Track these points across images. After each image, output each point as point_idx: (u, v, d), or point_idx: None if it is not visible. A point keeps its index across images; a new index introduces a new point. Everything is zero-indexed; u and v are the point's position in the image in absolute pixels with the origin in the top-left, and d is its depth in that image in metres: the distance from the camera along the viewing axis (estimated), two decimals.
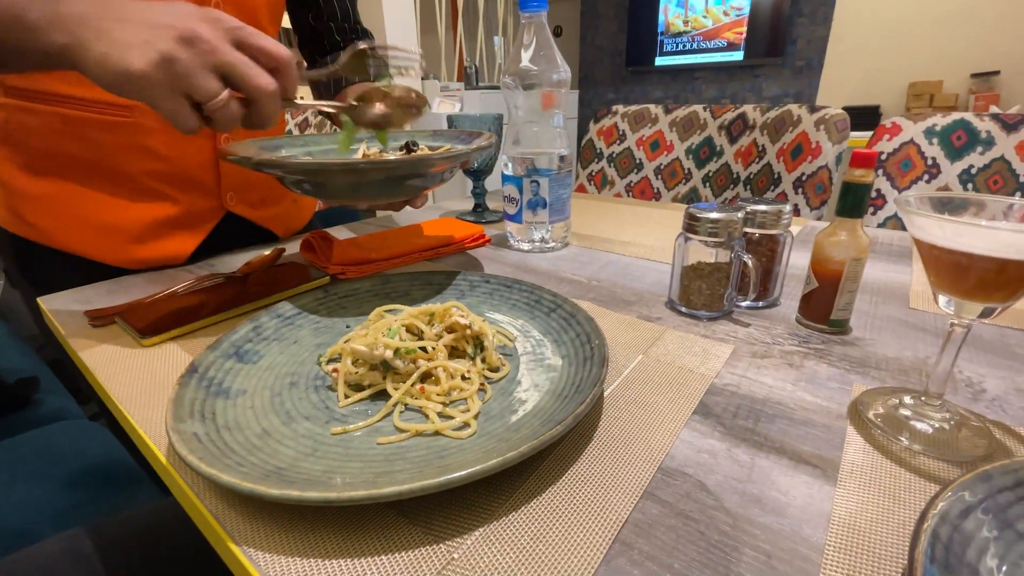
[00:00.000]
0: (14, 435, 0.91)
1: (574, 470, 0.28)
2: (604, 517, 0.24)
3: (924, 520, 0.21)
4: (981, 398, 0.34)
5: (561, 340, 0.39)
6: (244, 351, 0.37)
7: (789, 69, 3.40)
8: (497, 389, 0.34)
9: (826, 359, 0.38)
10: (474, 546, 0.23)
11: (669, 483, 0.27)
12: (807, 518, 0.24)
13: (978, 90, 2.26)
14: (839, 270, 0.40)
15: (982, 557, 0.21)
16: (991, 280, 0.26)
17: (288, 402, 0.32)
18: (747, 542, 0.23)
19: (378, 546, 0.23)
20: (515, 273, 0.59)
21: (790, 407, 0.33)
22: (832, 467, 0.28)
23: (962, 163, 0.82)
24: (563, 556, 0.22)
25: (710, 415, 0.32)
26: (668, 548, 0.23)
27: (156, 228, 0.61)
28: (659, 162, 1.28)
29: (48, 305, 0.53)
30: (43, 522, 0.66)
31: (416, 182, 0.45)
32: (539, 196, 0.63)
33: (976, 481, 0.23)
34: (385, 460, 0.27)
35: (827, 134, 0.98)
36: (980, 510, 0.22)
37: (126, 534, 0.50)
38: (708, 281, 0.45)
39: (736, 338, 0.42)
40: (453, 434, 0.29)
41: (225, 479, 0.23)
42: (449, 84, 2.88)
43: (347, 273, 0.55)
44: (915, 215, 0.27)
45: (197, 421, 0.29)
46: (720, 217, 0.42)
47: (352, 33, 0.78)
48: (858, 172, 0.38)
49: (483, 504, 0.25)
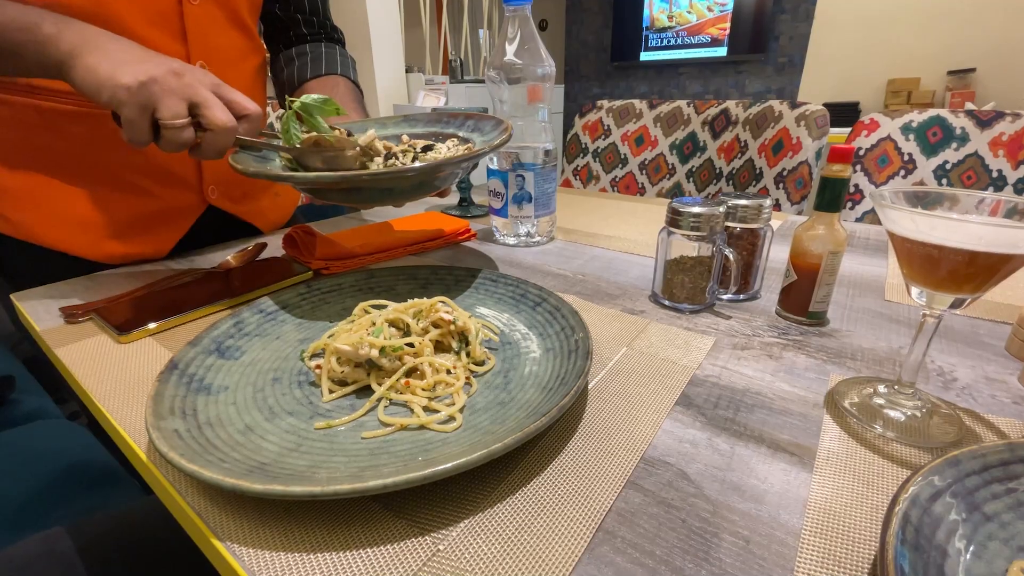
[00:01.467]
0: None
1: (559, 461, 0.28)
2: (588, 507, 0.25)
3: (895, 504, 0.22)
4: (952, 387, 0.35)
5: (546, 333, 0.39)
6: (225, 347, 0.36)
7: (771, 66, 3.44)
8: (482, 383, 0.34)
9: (804, 350, 0.39)
10: (459, 538, 0.23)
11: (651, 472, 0.27)
12: (784, 504, 0.25)
13: (954, 87, 2.32)
14: (817, 263, 0.41)
15: (950, 539, 0.22)
16: (961, 272, 0.27)
17: (271, 398, 0.32)
18: (726, 528, 0.24)
19: (363, 539, 0.23)
20: (501, 268, 0.59)
21: (769, 397, 0.34)
22: (809, 455, 0.28)
23: (937, 159, 0.84)
24: (547, 545, 0.23)
25: (692, 406, 0.33)
26: (650, 535, 0.23)
27: (135, 223, 0.60)
28: (644, 157, 1.28)
29: (22, 302, 0.51)
30: (21, 522, 0.64)
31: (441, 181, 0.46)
32: (524, 190, 0.63)
33: (945, 466, 0.24)
34: (370, 454, 0.27)
35: (807, 130, 1.00)
36: (948, 494, 0.23)
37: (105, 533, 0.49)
38: (690, 275, 0.45)
39: (718, 330, 0.43)
40: (438, 428, 0.29)
41: (207, 475, 0.23)
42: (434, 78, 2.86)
43: (330, 268, 0.54)
44: (889, 209, 0.28)
45: (178, 418, 0.28)
46: (702, 212, 0.43)
47: (321, 28, 0.76)
48: (836, 167, 0.39)
49: (468, 496, 0.25)
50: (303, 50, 0.74)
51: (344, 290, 0.46)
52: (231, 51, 0.61)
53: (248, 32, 0.63)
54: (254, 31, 0.65)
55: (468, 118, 0.57)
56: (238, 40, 0.62)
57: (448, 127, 0.58)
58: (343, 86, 0.70)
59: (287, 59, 0.75)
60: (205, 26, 0.57)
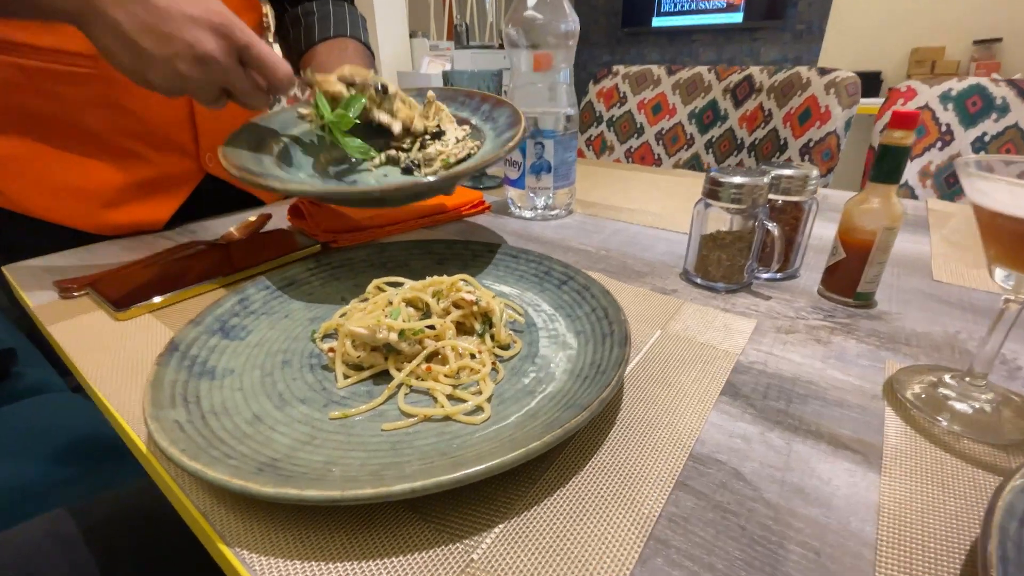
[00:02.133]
0: None
1: (597, 458, 0.25)
2: (635, 511, 0.22)
3: (992, 512, 0.19)
4: (1018, 376, 0.32)
5: (575, 315, 0.36)
6: (230, 326, 0.34)
7: (789, 32, 3.30)
8: (509, 369, 0.31)
9: (854, 335, 0.36)
10: (494, 545, 0.21)
11: (702, 472, 0.25)
12: (854, 510, 0.22)
13: (980, 57, 2.21)
14: (870, 240, 0.38)
15: None
16: None
17: (281, 383, 0.29)
18: (793, 537, 0.21)
19: (389, 547, 0.21)
20: (517, 242, 0.55)
21: (822, 386, 0.31)
22: (874, 452, 0.26)
23: (976, 130, 0.79)
24: (593, 555, 0.20)
25: (739, 396, 0.30)
26: (707, 545, 0.21)
27: (129, 191, 0.56)
28: (661, 127, 1.23)
29: (14, 275, 0.48)
30: (24, 502, 0.63)
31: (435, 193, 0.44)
32: (543, 159, 0.59)
33: None
34: (391, 449, 0.24)
35: (837, 98, 0.94)
36: None
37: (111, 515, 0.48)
38: (728, 251, 0.42)
39: (758, 312, 0.40)
40: (466, 419, 0.26)
41: (212, 475, 0.20)
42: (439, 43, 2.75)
43: (339, 241, 0.51)
44: (979, 179, 0.24)
45: (180, 407, 0.26)
46: (745, 182, 0.39)
47: None
48: (897, 134, 0.35)
49: (501, 497, 0.23)
50: (309, 8, 0.69)
51: (355, 265, 0.43)
52: None
53: None
54: None
55: (484, 101, 0.54)
56: None
57: (463, 109, 0.55)
58: (352, 49, 0.65)
59: (293, 19, 0.69)
60: None
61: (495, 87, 0.70)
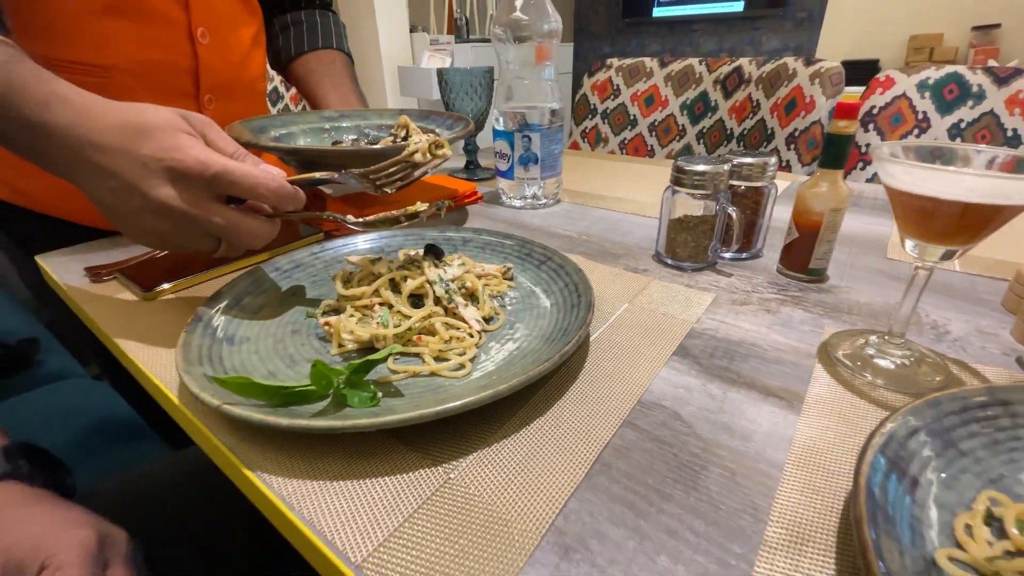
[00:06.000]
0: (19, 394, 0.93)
1: (561, 404, 0.30)
2: (587, 443, 0.27)
3: (873, 437, 0.23)
4: (944, 339, 0.36)
5: (551, 290, 0.40)
6: (245, 303, 0.38)
7: (790, 21, 3.29)
8: (491, 336, 0.36)
9: (802, 305, 0.41)
10: (468, 468, 0.25)
11: (647, 414, 0.29)
12: (771, 442, 0.27)
13: (978, 43, 2.22)
14: (819, 221, 0.42)
15: (923, 471, 0.23)
16: (954, 223, 0.27)
17: (291, 347, 0.34)
18: (715, 462, 0.26)
19: (381, 469, 0.25)
20: (507, 229, 0.60)
21: (763, 348, 0.35)
22: (798, 399, 0.30)
23: (952, 117, 0.82)
24: (549, 475, 0.25)
25: (688, 356, 0.34)
26: (643, 467, 0.25)
27: None
28: (653, 118, 1.26)
29: (46, 263, 0.53)
30: None
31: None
32: (531, 152, 0.63)
33: (925, 407, 0.25)
34: (386, 396, 0.29)
35: (821, 88, 0.97)
36: (925, 431, 0.24)
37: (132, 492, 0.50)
38: (693, 233, 0.46)
39: (718, 287, 0.44)
40: (449, 374, 0.31)
41: (237, 412, 0.25)
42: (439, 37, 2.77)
43: (340, 229, 0.55)
44: (887, 163, 0.28)
45: (206, 365, 0.30)
46: (707, 170, 0.43)
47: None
48: (841, 123, 0.39)
49: (477, 433, 0.28)
50: (297, 18, 0.74)
51: (355, 250, 0.47)
52: (230, 17, 0.61)
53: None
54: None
55: (449, 118, 0.64)
56: (236, 6, 0.61)
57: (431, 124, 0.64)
58: (340, 62, 0.71)
59: (281, 25, 0.74)
60: None
61: (487, 83, 0.74)
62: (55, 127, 0.33)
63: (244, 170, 0.33)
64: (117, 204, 0.33)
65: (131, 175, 0.32)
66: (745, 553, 0.21)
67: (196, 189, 0.33)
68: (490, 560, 0.21)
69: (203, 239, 0.35)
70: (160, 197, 0.32)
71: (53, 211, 0.59)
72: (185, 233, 0.34)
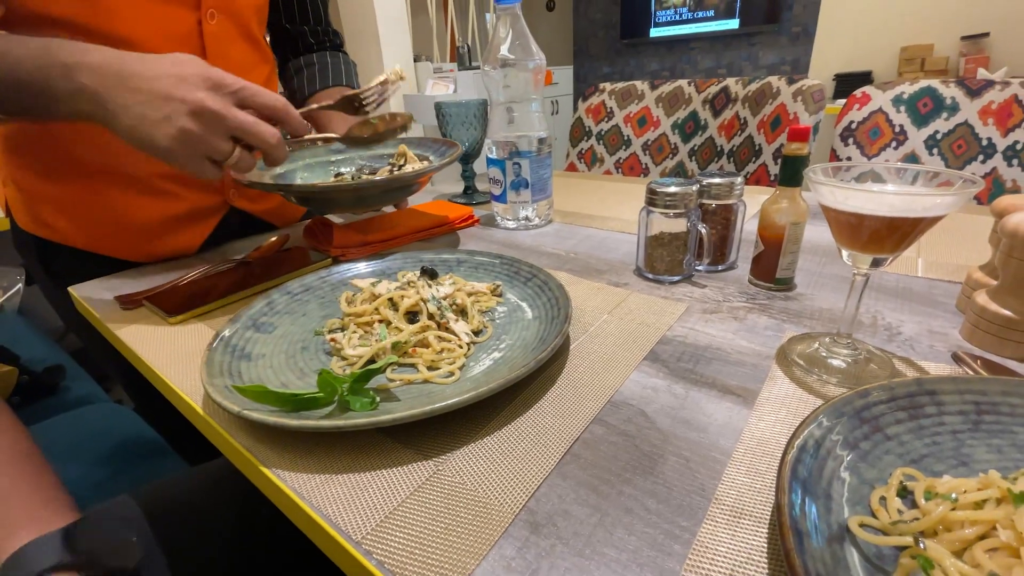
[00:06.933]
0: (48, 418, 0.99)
1: (540, 404, 0.33)
2: (560, 437, 0.30)
3: (804, 423, 0.27)
4: (895, 339, 0.39)
5: (536, 304, 0.44)
6: (261, 323, 0.43)
7: (785, 36, 3.37)
8: (479, 347, 0.40)
9: (767, 312, 0.44)
10: (455, 461, 0.29)
11: (615, 412, 0.32)
12: (724, 433, 0.30)
13: (968, 52, 2.25)
14: (781, 234, 0.45)
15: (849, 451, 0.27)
16: (879, 235, 0.31)
17: (301, 362, 0.38)
18: (672, 451, 0.29)
19: (378, 464, 0.29)
20: (501, 249, 0.64)
21: (727, 351, 0.38)
22: (752, 396, 0.33)
23: (928, 129, 0.86)
24: (525, 464, 0.28)
25: (658, 360, 0.38)
26: (608, 457, 0.29)
27: (166, 224, 0.66)
28: (646, 138, 1.31)
29: (78, 292, 0.58)
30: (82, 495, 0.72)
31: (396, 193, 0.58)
32: (521, 177, 0.68)
33: (856, 396, 0.28)
34: (384, 401, 0.33)
35: (804, 105, 1.01)
36: (856, 417, 0.28)
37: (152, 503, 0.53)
38: (668, 249, 0.50)
39: (692, 298, 0.47)
40: (439, 381, 0.35)
41: (256, 416, 0.29)
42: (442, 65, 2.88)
43: (347, 255, 0.60)
44: (818, 184, 0.32)
45: (226, 377, 0.35)
46: (677, 191, 0.47)
47: (325, 36, 0.82)
48: (794, 146, 0.43)
49: (464, 431, 0.31)
50: (310, 60, 0.80)
51: (359, 273, 0.52)
52: (244, 63, 0.67)
53: (258, 44, 0.69)
54: (263, 42, 0.71)
55: (443, 144, 0.70)
56: (249, 52, 0.67)
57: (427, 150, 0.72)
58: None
59: (296, 68, 0.81)
60: (221, 41, 0.62)
61: (482, 114, 0.80)
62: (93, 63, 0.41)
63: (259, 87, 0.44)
64: (150, 113, 0.41)
65: (169, 87, 0.41)
66: (691, 526, 0.24)
67: (226, 96, 0.42)
68: (470, 535, 0.24)
69: (223, 142, 0.43)
70: (197, 99, 0.41)
71: (85, 245, 0.64)
72: (209, 133, 0.41)
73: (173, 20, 0.59)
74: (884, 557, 0.22)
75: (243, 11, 0.65)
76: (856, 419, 0.28)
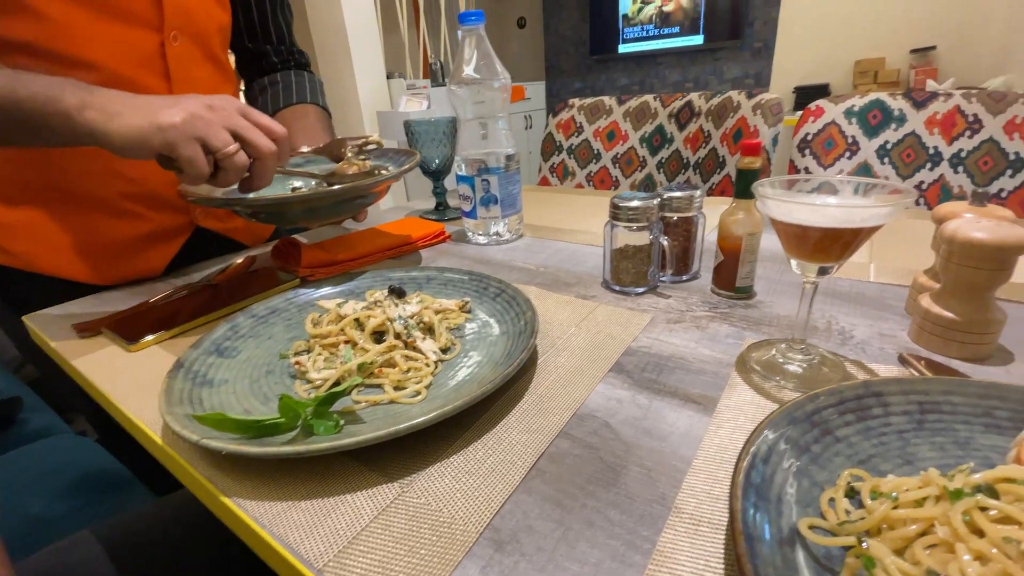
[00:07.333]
0: (5, 452, 0.94)
1: (506, 421, 0.34)
2: (526, 452, 0.31)
3: (758, 429, 0.27)
4: (848, 343, 0.41)
5: (503, 319, 0.45)
6: (224, 347, 0.42)
7: (748, 51, 3.50)
8: (447, 364, 0.40)
9: (728, 320, 0.45)
10: (421, 481, 0.29)
11: (581, 424, 0.33)
12: (685, 442, 0.31)
13: (917, 65, 2.38)
14: (739, 244, 0.47)
15: (800, 455, 0.27)
16: (823, 245, 0.32)
17: (265, 387, 0.38)
18: (634, 461, 0.29)
19: (342, 487, 0.29)
20: (473, 265, 0.64)
21: (689, 360, 0.39)
22: (712, 403, 0.34)
23: (879, 139, 0.90)
24: (491, 482, 0.29)
25: (623, 371, 0.38)
26: (573, 470, 0.29)
27: (130, 245, 0.65)
28: (616, 151, 1.34)
29: (33, 322, 0.56)
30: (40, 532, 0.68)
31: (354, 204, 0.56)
32: (490, 193, 0.68)
33: (806, 401, 0.30)
34: (350, 423, 0.33)
35: (763, 118, 1.06)
36: (805, 421, 0.29)
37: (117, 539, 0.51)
38: (633, 261, 0.51)
39: (657, 308, 0.48)
40: (406, 400, 0.35)
41: (214, 444, 0.29)
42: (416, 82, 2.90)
43: (315, 275, 0.60)
44: (763, 198, 0.33)
45: (186, 406, 0.34)
46: (639, 205, 0.48)
47: (289, 55, 0.82)
48: (747, 160, 0.45)
49: (430, 451, 0.31)
50: (274, 79, 0.80)
51: (325, 294, 0.51)
52: (208, 84, 0.66)
53: (221, 65, 0.69)
54: (227, 63, 0.71)
55: (400, 153, 0.68)
56: (213, 73, 0.67)
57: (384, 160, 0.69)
58: (313, 115, 0.77)
59: (260, 87, 0.81)
60: (185, 63, 0.62)
61: (451, 132, 0.80)
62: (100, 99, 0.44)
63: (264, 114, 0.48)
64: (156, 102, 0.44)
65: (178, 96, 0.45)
66: (651, 535, 0.25)
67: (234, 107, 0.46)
68: (434, 556, 0.24)
69: (223, 132, 0.44)
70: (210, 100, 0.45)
71: (46, 270, 0.62)
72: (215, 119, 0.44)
73: (135, 42, 0.58)
74: (832, 558, 0.23)
75: (206, 32, 0.65)
76: (807, 423, 0.29)
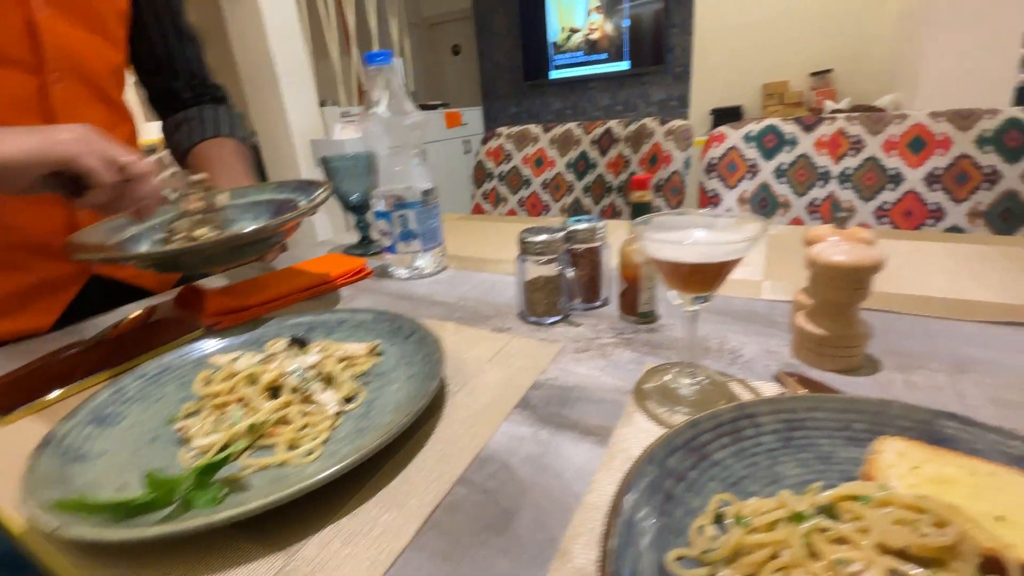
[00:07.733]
0: None
1: (406, 472, 0.33)
2: (421, 504, 0.30)
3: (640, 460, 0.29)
4: (738, 361, 0.44)
5: (413, 361, 0.44)
6: (105, 415, 0.39)
7: (670, 75, 3.73)
8: (351, 414, 0.39)
9: (631, 346, 0.47)
10: (308, 549, 0.28)
11: (481, 468, 0.33)
12: (578, 476, 0.32)
13: (817, 86, 2.63)
14: (638, 272, 0.49)
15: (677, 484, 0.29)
16: (694, 277, 0.35)
17: (147, 457, 0.35)
18: (528, 501, 0.30)
19: (220, 565, 0.27)
20: (394, 301, 0.64)
21: (592, 390, 0.41)
22: (607, 433, 0.35)
23: (775, 161, 0.98)
24: (383, 541, 0.28)
25: (528, 407, 0.39)
26: (469, 519, 0.29)
27: (12, 300, 0.60)
28: (544, 177, 1.38)
29: None
30: None
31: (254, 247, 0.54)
32: (408, 228, 0.68)
33: (687, 427, 0.31)
34: (235, 491, 0.31)
35: (675, 143, 1.13)
36: (684, 449, 0.30)
37: None
38: (545, 291, 0.52)
39: (567, 337, 0.50)
40: (298, 460, 0.33)
41: (72, 533, 0.26)
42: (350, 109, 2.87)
43: (222, 323, 0.57)
44: (642, 235, 0.35)
45: (55, 487, 0.31)
46: (544, 239, 0.50)
47: (203, 89, 0.80)
48: (637, 193, 0.48)
49: (322, 514, 0.30)
50: (190, 115, 0.77)
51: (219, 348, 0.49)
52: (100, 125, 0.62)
53: (114, 105, 0.65)
54: (120, 103, 0.68)
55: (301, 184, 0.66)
56: (106, 114, 0.64)
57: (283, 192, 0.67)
58: (229, 147, 0.74)
59: (175, 123, 0.78)
60: (72, 105, 0.59)
61: (369, 167, 0.80)
62: None
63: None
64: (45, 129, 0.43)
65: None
66: None
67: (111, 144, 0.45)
68: None
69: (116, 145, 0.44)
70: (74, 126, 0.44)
71: None
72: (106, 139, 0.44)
73: (12, 84, 0.55)
74: None
75: (96, 75, 0.62)
76: (685, 450, 0.30)
